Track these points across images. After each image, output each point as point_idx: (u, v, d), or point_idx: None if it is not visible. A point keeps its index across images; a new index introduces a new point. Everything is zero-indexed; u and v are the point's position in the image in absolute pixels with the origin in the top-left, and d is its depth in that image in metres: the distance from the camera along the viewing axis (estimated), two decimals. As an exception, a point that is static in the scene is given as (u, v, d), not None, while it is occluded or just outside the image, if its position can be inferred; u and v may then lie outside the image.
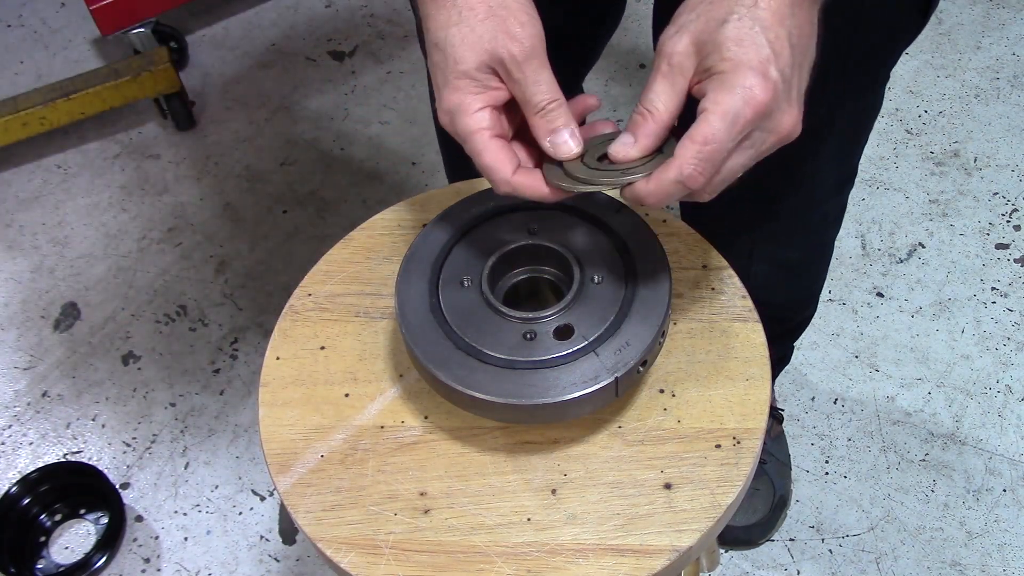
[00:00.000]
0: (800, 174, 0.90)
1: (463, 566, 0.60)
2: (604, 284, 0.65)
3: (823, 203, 0.96)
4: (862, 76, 0.82)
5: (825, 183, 0.93)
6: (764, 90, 0.53)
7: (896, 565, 1.26)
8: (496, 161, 0.58)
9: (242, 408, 1.46)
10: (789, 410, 1.40)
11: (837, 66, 0.78)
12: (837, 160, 0.91)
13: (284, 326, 0.72)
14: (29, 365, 1.53)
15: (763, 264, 0.97)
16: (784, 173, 0.89)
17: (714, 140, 0.54)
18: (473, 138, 0.58)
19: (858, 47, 0.78)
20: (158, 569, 1.31)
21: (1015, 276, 1.54)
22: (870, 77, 0.84)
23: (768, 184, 0.91)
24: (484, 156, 0.58)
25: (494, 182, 0.59)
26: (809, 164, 0.88)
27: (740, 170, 0.57)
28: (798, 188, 0.91)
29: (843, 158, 0.92)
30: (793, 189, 0.91)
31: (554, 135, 0.59)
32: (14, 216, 1.74)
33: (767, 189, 0.92)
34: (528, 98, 0.58)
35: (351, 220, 1.65)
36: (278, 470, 0.65)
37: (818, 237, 1.03)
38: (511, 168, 0.59)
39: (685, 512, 0.61)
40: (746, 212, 0.95)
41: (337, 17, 2.05)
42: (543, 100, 0.58)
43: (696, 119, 0.54)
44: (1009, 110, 1.77)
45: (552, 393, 0.59)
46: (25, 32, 2.08)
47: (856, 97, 0.84)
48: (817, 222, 0.99)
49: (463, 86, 0.58)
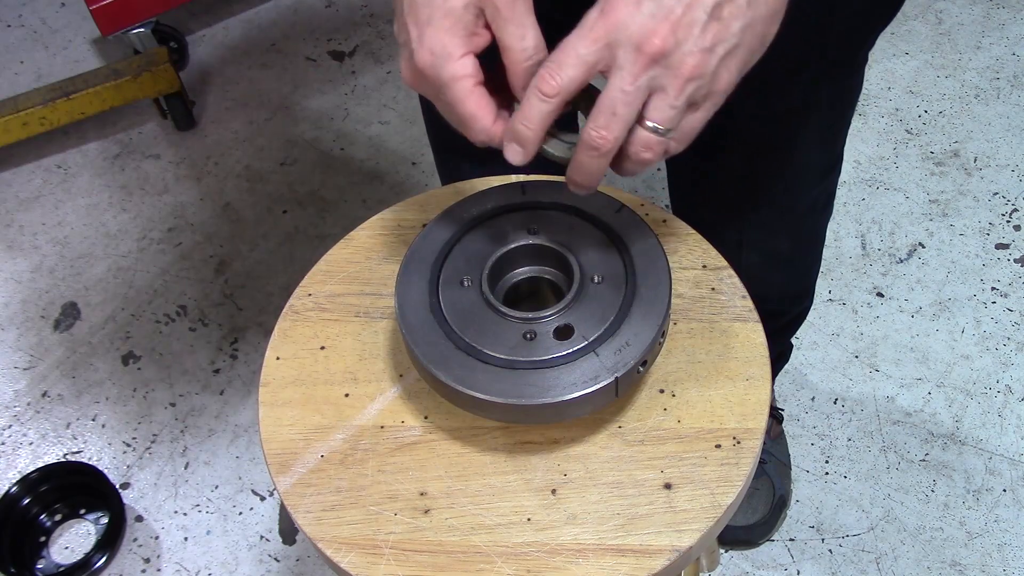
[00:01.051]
0: (782, 159, 0.90)
1: (463, 566, 0.60)
2: (604, 284, 0.65)
3: (809, 189, 0.96)
4: (840, 60, 0.82)
5: (809, 168, 0.93)
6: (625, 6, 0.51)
7: (896, 565, 1.26)
8: (479, 108, 0.56)
9: (242, 408, 1.46)
10: (789, 410, 1.40)
11: (814, 51, 0.78)
12: (820, 145, 0.91)
13: (284, 326, 0.72)
14: (29, 365, 1.53)
15: (753, 254, 0.97)
16: (767, 159, 0.90)
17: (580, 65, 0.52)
18: (457, 85, 0.56)
19: (833, 31, 0.77)
20: (158, 569, 1.31)
21: (1015, 276, 1.54)
22: (848, 61, 0.84)
23: (752, 171, 0.92)
24: (467, 104, 0.56)
25: (473, 131, 0.57)
26: (791, 149, 0.89)
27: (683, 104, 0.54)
28: (782, 174, 0.91)
29: (826, 143, 0.92)
30: (778, 175, 0.91)
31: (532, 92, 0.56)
32: (14, 216, 1.74)
33: (751, 176, 0.92)
34: (511, 44, 0.56)
35: (351, 220, 1.65)
36: (278, 470, 0.65)
37: (807, 225, 1.03)
38: (491, 117, 0.57)
39: (685, 512, 0.61)
40: (733, 200, 0.95)
41: (337, 17, 2.05)
42: (527, 48, 0.55)
43: None
44: (1009, 110, 1.77)
45: (552, 393, 0.59)
46: (25, 32, 2.08)
47: (834, 81, 0.84)
48: (805, 209, 0.99)
49: (449, 26, 0.55)
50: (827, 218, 1.04)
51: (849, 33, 0.80)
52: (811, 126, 0.86)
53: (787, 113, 0.84)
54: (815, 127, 0.87)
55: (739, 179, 0.94)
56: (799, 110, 0.85)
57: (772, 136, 0.87)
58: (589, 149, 0.54)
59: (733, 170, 0.93)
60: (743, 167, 0.92)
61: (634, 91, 0.52)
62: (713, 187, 0.97)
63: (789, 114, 0.85)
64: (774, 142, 0.88)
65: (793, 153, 0.89)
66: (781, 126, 0.86)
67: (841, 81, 0.85)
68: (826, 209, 1.03)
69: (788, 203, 0.96)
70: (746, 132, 0.87)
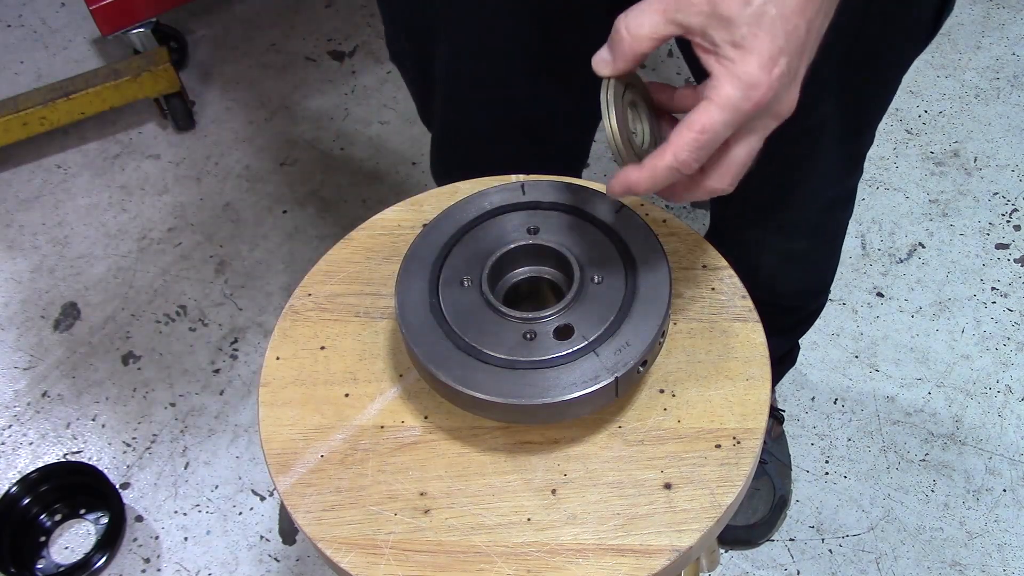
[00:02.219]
0: (807, 167, 0.89)
1: (463, 566, 0.60)
2: (604, 284, 0.65)
3: (830, 188, 0.95)
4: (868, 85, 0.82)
5: (830, 169, 0.92)
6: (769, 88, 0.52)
7: (896, 565, 1.26)
8: None
9: (242, 408, 1.46)
10: (789, 410, 1.40)
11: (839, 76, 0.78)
12: (843, 146, 0.90)
13: (284, 326, 0.72)
14: (29, 365, 1.53)
15: (772, 255, 0.97)
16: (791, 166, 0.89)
17: (711, 130, 0.53)
18: None
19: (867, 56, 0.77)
20: (158, 569, 1.31)
21: (1015, 276, 1.54)
22: (877, 81, 0.83)
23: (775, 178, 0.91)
24: None
25: None
26: (815, 156, 0.88)
27: (750, 155, 0.57)
28: (806, 179, 0.91)
29: (851, 145, 0.91)
30: (802, 180, 0.91)
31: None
32: (14, 216, 1.74)
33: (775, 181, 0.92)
34: None
35: (351, 220, 1.65)
36: (278, 470, 0.65)
37: (827, 225, 1.02)
38: None
39: (685, 512, 0.61)
40: (756, 203, 0.94)
41: (337, 17, 2.05)
42: None
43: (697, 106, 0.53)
44: (1009, 110, 1.77)
45: (552, 393, 0.59)
46: (25, 32, 2.08)
47: (860, 96, 0.84)
48: (826, 208, 0.99)
49: None
50: (848, 216, 1.03)
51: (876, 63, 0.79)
52: (832, 134, 0.86)
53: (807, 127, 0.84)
54: (836, 134, 0.86)
55: (762, 184, 0.93)
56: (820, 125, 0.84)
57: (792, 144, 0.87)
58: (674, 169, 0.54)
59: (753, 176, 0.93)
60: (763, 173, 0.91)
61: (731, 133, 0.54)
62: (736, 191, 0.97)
63: (809, 127, 0.84)
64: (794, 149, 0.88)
65: (813, 159, 0.89)
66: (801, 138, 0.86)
67: (870, 98, 0.85)
68: (847, 207, 1.02)
69: (809, 204, 0.96)
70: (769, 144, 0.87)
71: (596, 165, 1.71)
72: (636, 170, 0.56)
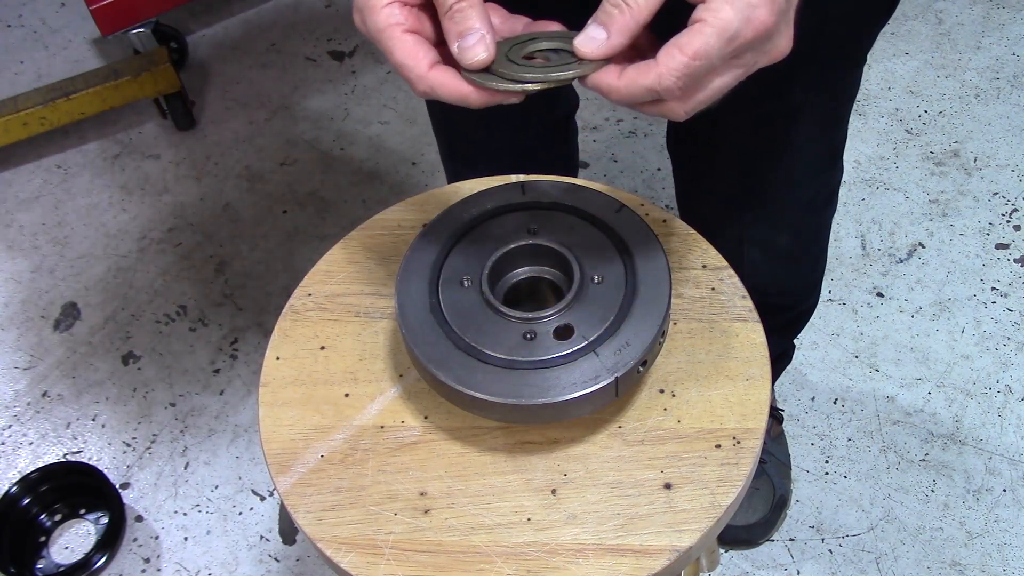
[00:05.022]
0: (779, 157, 0.90)
1: (463, 566, 0.60)
2: (604, 284, 0.65)
3: (808, 185, 0.96)
4: (834, 63, 0.82)
5: (807, 164, 0.93)
6: (770, 12, 0.48)
7: (896, 565, 1.26)
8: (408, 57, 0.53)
9: (242, 408, 1.46)
10: (789, 410, 1.40)
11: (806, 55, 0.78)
12: (817, 141, 0.91)
13: (284, 326, 0.72)
14: (29, 365, 1.53)
15: (755, 251, 0.97)
16: (763, 157, 0.90)
17: (705, 56, 0.48)
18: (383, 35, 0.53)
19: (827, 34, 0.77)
20: (158, 569, 1.31)
21: (1015, 276, 1.54)
22: (843, 63, 0.83)
23: (749, 169, 0.92)
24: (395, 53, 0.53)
25: (410, 80, 0.54)
26: (787, 146, 0.89)
27: (724, 89, 0.52)
28: (779, 171, 0.91)
29: (823, 138, 0.92)
30: (775, 172, 0.92)
31: (462, 39, 0.52)
32: (14, 216, 1.74)
33: (749, 174, 0.92)
34: None
35: (351, 220, 1.65)
36: (278, 470, 0.65)
37: (808, 221, 1.03)
38: (426, 64, 0.53)
39: (685, 512, 0.61)
40: (733, 197, 0.95)
41: (337, 17, 2.05)
42: None
43: (688, 26, 0.49)
44: (1009, 110, 1.77)
45: (552, 393, 0.59)
46: (25, 32, 2.08)
47: (830, 80, 0.84)
48: (805, 205, 0.99)
49: None
50: (830, 215, 1.04)
51: (843, 36, 0.80)
52: (806, 123, 0.87)
53: (780, 113, 0.85)
54: (811, 124, 0.87)
55: (737, 177, 0.94)
56: (792, 111, 0.85)
57: (767, 134, 0.88)
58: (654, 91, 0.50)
59: (731, 168, 0.93)
60: (740, 165, 0.92)
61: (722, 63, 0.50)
62: (712, 185, 0.97)
63: (782, 114, 0.85)
64: (769, 140, 0.88)
65: (789, 150, 0.89)
66: (775, 125, 0.86)
67: (837, 80, 0.85)
68: (828, 206, 1.03)
69: (787, 199, 0.96)
70: (741, 132, 0.87)
71: (596, 165, 1.71)
72: (615, 78, 0.51)
